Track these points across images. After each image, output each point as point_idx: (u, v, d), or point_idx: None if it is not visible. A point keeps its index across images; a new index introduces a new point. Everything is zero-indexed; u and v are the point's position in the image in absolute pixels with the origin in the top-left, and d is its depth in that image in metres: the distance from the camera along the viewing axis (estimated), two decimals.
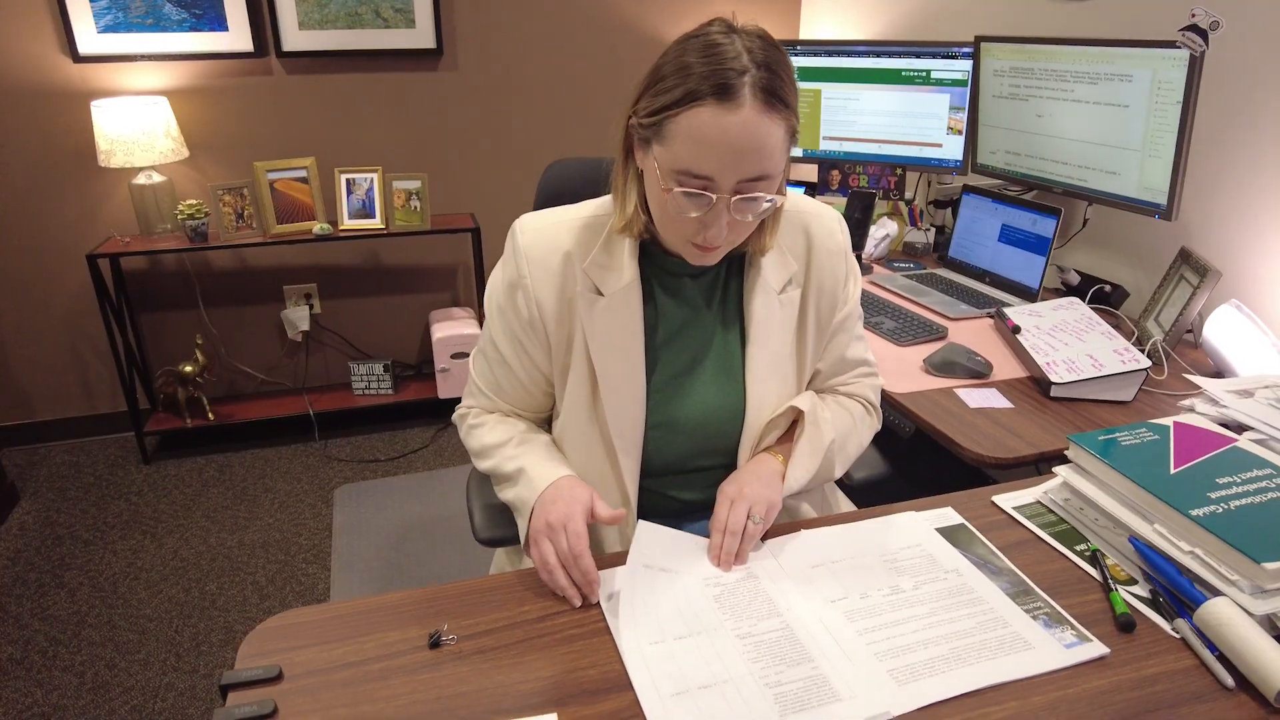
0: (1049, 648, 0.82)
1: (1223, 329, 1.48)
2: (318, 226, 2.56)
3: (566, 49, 2.86)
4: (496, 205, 2.97)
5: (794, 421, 1.06)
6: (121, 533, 2.34)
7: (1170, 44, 1.47)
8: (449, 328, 2.83)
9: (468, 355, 2.87)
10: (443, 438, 2.87)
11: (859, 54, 2.23)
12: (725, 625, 0.84)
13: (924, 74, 2.11)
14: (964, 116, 2.08)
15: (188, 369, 2.64)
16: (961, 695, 0.77)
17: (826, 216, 1.07)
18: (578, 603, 0.88)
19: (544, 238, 0.99)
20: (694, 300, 1.03)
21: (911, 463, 1.91)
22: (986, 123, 2.00)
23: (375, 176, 2.61)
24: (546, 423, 1.13)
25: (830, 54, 2.26)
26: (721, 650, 0.81)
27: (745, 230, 0.91)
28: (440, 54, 2.69)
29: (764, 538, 0.98)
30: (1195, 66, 1.46)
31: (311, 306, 2.88)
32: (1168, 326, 1.55)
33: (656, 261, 1.01)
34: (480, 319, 2.87)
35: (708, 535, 0.97)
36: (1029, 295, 1.86)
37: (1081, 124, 1.74)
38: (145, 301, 2.74)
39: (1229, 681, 0.79)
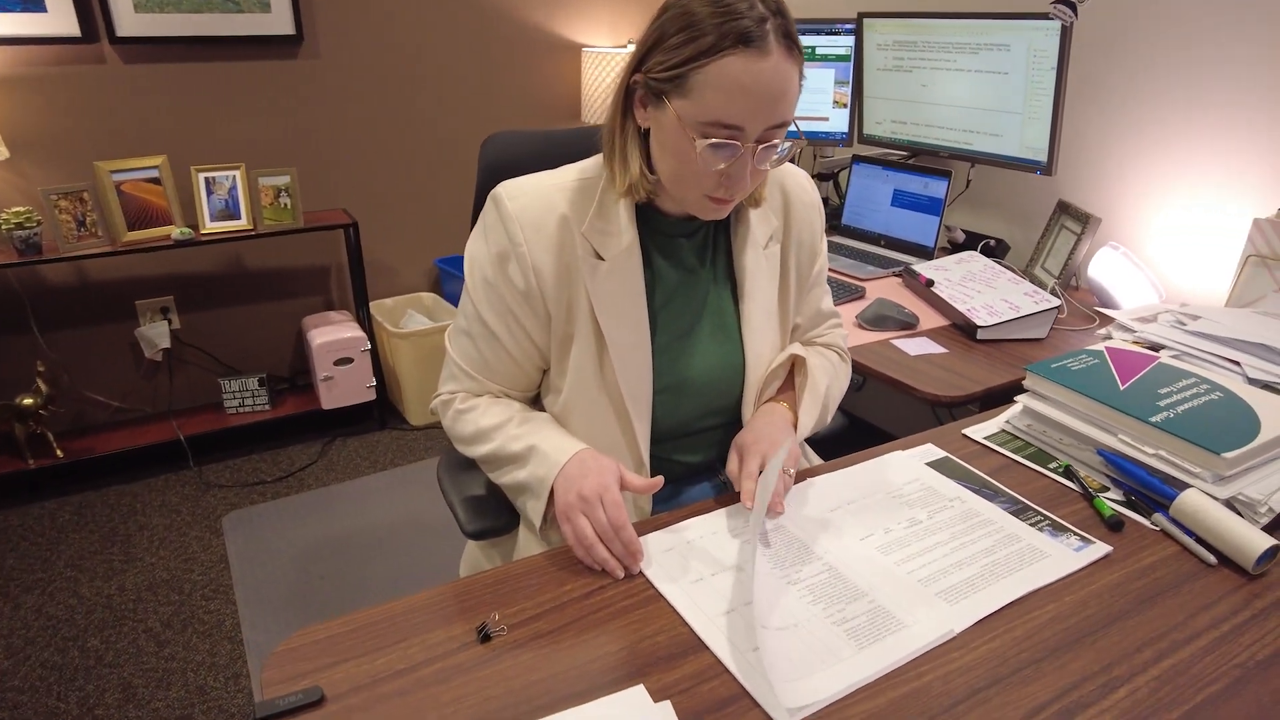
0: (1062, 554, 0.89)
1: (1105, 269, 1.65)
2: (177, 231, 2.31)
3: (436, 31, 2.75)
4: (372, 198, 2.82)
5: (789, 373, 1.09)
6: None
7: (1043, 16, 1.62)
8: (328, 333, 2.65)
9: (351, 362, 2.71)
10: (332, 451, 2.69)
11: None
12: (780, 581, 0.84)
13: (809, 50, 2.21)
14: (849, 90, 2.19)
15: (27, 402, 2.30)
16: (1005, 606, 0.82)
17: (799, 173, 1.10)
18: (620, 574, 0.86)
19: (537, 202, 0.95)
20: (688, 260, 1.02)
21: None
22: (872, 94, 2.12)
23: (238, 174, 2.39)
24: (532, 403, 1.09)
25: None
26: (781, 601, 0.82)
27: (759, 180, 0.92)
28: (300, 40, 2.50)
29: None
30: (1066, 36, 1.62)
31: (170, 321, 2.60)
32: (1057, 271, 1.72)
33: (651, 223, 0.99)
34: (360, 321, 2.71)
35: (715, 495, 0.97)
36: (926, 254, 2.00)
37: (964, 91, 1.88)
38: None
39: (1211, 559, 0.89)
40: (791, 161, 1.03)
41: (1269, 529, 0.93)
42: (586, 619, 0.80)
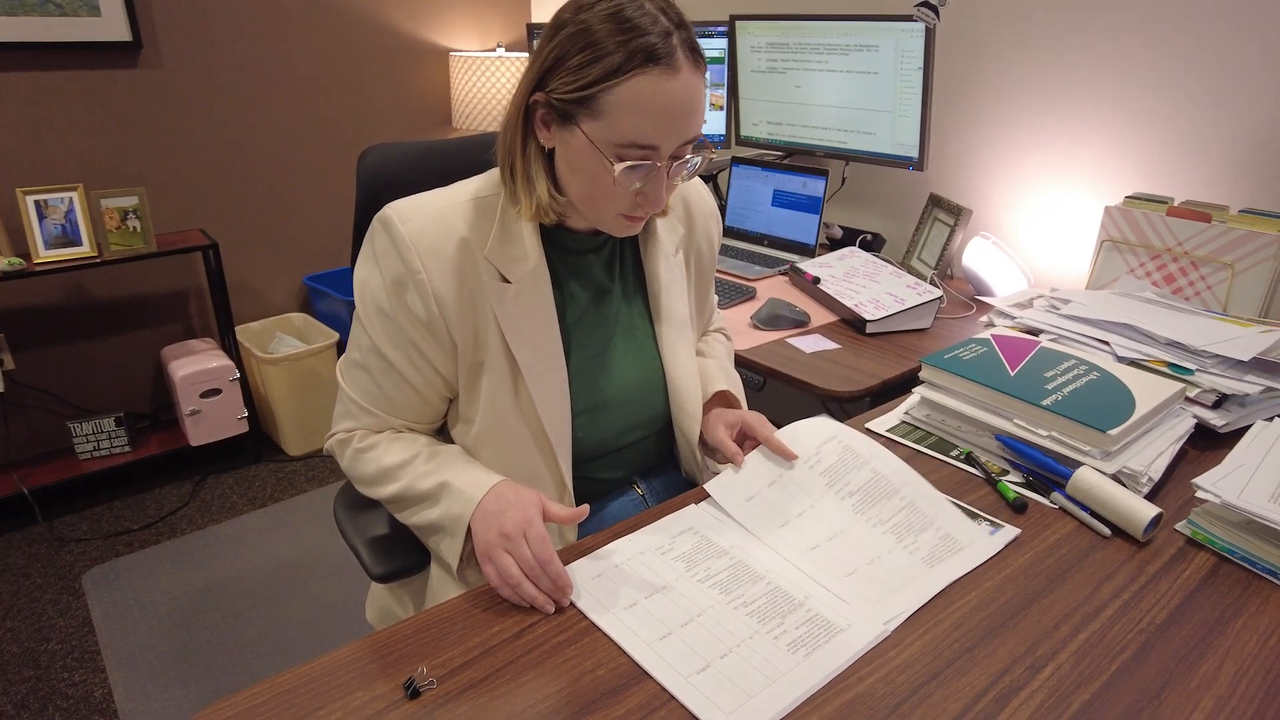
0: (979, 541, 0.93)
1: (978, 258, 1.75)
2: (4, 262, 2.07)
3: (293, 39, 2.59)
4: (232, 216, 2.63)
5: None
6: None
7: (908, 18, 1.70)
8: (191, 363, 2.45)
9: (219, 393, 2.51)
10: (204, 491, 2.49)
11: None
12: (720, 600, 0.83)
13: None
14: (724, 93, 2.22)
15: None
16: (934, 598, 0.84)
17: (696, 181, 1.09)
18: (550, 610, 0.82)
19: (433, 225, 0.89)
20: (597, 277, 0.99)
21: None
22: (747, 96, 2.16)
23: (75, 195, 2.17)
24: (436, 435, 1.03)
25: None
26: (722, 620, 0.80)
27: (671, 193, 0.90)
28: (139, 48, 2.30)
29: (695, 500, 0.99)
30: (930, 37, 1.70)
31: (1, 362, 2.33)
32: (934, 262, 1.80)
33: (555, 241, 0.96)
34: (226, 349, 2.52)
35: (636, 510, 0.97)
36: (808, 251, 2.05)
37: (837, 92, 1.94)
38: None
39: (1106, 532, 0.94)
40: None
41: (1150, 497, 1.00)
42: (520, 661, 0.76)
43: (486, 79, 2.83)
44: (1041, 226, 1.86)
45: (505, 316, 0.90)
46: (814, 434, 1.04)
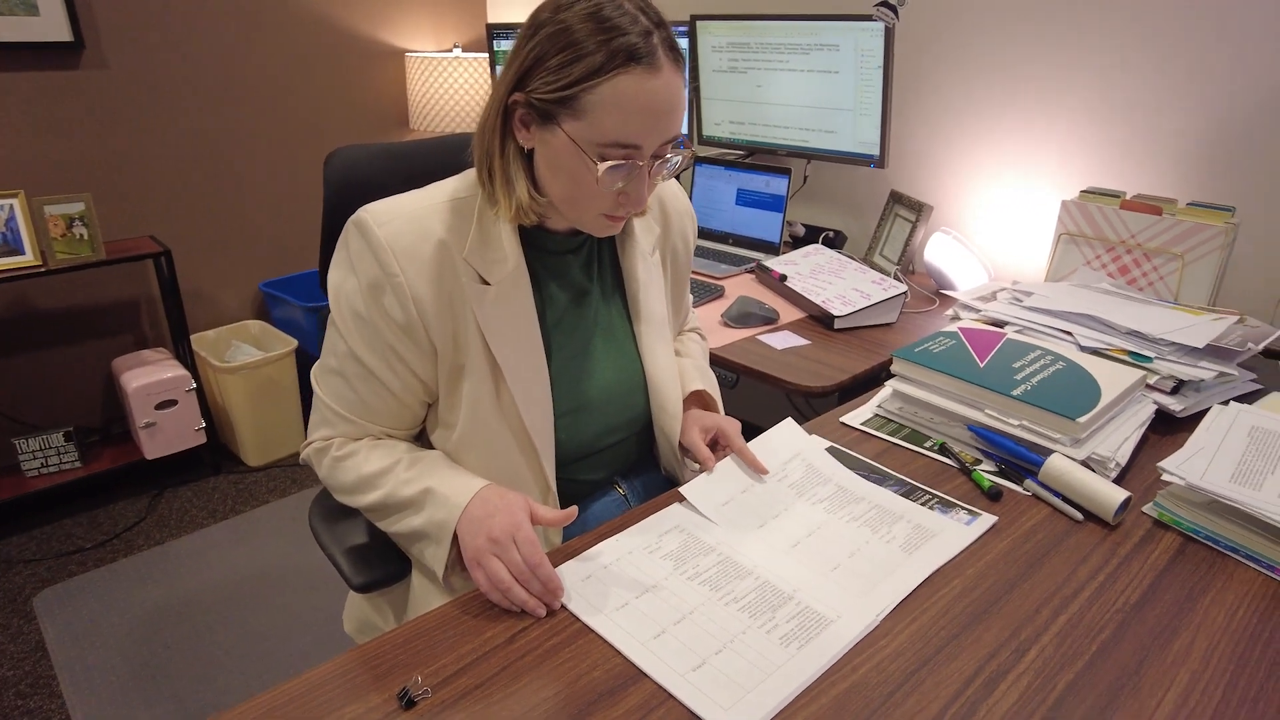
0: (956, 529, 0.95)
1: (939, 253, 1.78)
2: None
3: (244, 40, 2.53)
4: (185, 222, 2.56)
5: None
6: None
7: (867, 17, 1.72)
8: (144, 374, 2.38)
9: (174, 404, 2.44)
10: (161, 505, 2.42)
11: None
12: (710, 597, 0.83)
13: None
14: (687, 92, 2.23)
15: None
16: (918, 587, 0.85)
17: (671, 182, 1.09)
18: (542, 613, 0.81)
19: (410, 227, 0.88)
20: (576, 278, 0.99)
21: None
22: (709, 96, 2.17)
23: (16, 202, 2.08)
24: (415, 441, 1.01)
25: None
26: (714, 616, 0.81)
27: (652, 192, 0.90)
28: (81, 48, 2.22)
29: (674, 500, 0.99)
30: (890, 36, 1.73)
31: None
32: (896, 258, 1.83)
33: (534, 242, 0.95)
34: (180, 358, 2.45)
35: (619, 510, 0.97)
36: (772, 249, 2.07)
37: (798, 91, 1.97)
38: None
39: (1078, 516, 0.97)
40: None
41: (1117, 481, 1.04)
42: (515, 666, 0.76)
43: (443, 80, 2.79)
44: (1000, 221, 1.90)
45: (486, 319, 0.89)
46: (784, 444, 1.07)
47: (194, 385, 2.41)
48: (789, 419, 1.12)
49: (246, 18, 2.52)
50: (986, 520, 0.96)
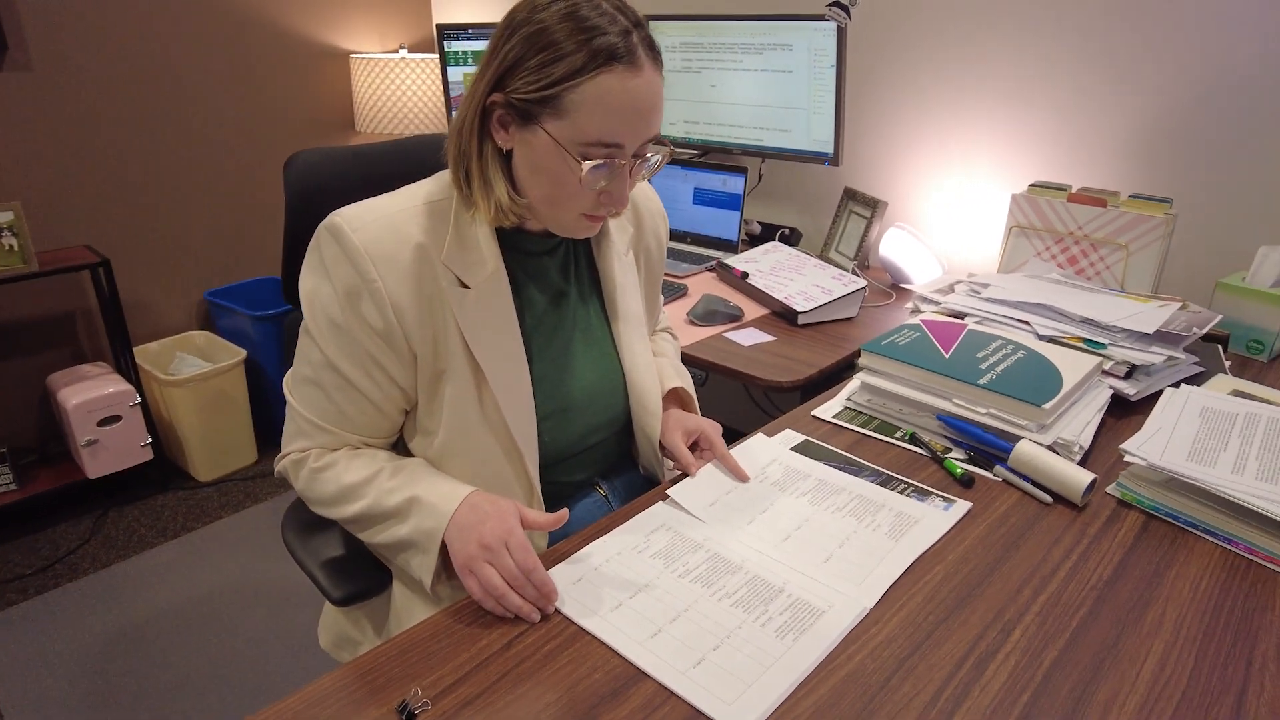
0: (934, 516, 0.97)
1: (894, 248, 1.83)
2: None
3: (182, 41, 2.44)
4: (124, 230, 2.46)
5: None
6: None
7: (820, 17, 1.75)
8: (83, 390, 2.28)
9: (118, 420, 2.35)
10: (106, 526, 2.33)
11: None
12: (703, 594, 0.84)
13: None
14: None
15: None
16: (903, 575, 0.88)
17: (643, 183, 1.10)
18: (536, 618, 0.81)
19: (386, 232, 0.86)
20: (554, 279, 0.98)
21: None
22: (664, 96, 2.18)
23: None
24: (393, 449, 1.00)
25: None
26: (709, 612, 0.81)
27: (630, 191, 0.90)
28: (4, 49, 2.11)
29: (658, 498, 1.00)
30: (842, 36, 1.76)
31: None
32: (852, 253, 1.87)
33: (511, 244, 0.94)
34: (123, 372, 2.36)
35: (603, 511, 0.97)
36: (731, 247, 2.09)
37: (752, 90, 1.99)
38: None
39: (1047, 499, 1.01)
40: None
41: (1081, 464, 1.08)
42: (514, 672, 0.75)
43: (389, 81, 2.75)
44: (952, 215, 1.96)
45: (466, 322, 0.88)
46: (762, 449, 1.10)
47: (139, 400, 2.33)
48: (759, 433, 1.14)
49: (183, 18, 2.43)
50: (962, 506, 0.99)
